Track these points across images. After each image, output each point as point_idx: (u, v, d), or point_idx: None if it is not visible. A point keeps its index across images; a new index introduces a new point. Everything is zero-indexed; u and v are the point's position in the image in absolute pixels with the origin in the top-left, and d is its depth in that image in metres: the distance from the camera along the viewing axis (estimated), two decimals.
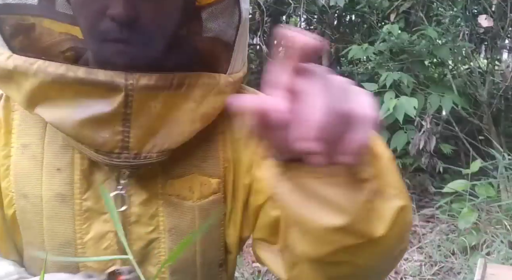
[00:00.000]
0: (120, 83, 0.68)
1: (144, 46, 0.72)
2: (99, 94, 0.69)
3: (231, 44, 0.78)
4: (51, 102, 0.71)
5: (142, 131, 0.72)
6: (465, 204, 2.70)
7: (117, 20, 0.69)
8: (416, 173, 3.65)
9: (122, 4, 0.68)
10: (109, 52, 0.71)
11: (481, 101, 3.47)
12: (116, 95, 0.69)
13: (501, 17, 3.41)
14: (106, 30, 0.70)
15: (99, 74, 0.68)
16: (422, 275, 2.60)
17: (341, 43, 4.22)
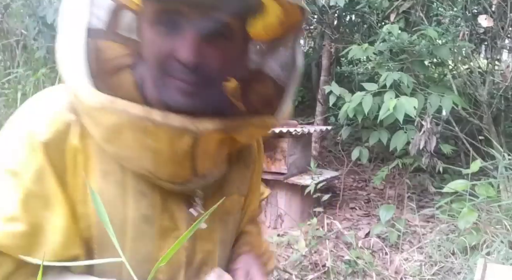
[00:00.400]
0: (189, 127, 0.78)
1: (206, 88, 0.82)
2: (171, 135, 0.79)
3: (284, 91, 0.90)
4: (125, 142, 0.80)
5: (205, 162, 0.86)
6: (465, 204, 2.70)
7: (184, 64, 0.78)
8: (416, 173, 3.65)
9: (191, 50, 0.77)
10: (173, 91, 0.80)
11: (481, 101, 3.47)
12: (186, 137, 0.79)
13: (501, 17, 3.41)
14: (171, 70, 0.79)
15: (174, 119, 0.77)
16: (422, 275, 2.60)
17: (341, 43, 4.22)
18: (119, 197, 0.85)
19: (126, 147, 0.80)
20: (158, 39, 0.80)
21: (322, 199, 3.14)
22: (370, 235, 3.06)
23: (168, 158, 0.81)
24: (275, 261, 2.63)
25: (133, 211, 0.86)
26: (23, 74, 3.76)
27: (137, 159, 0.82)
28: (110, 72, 0.82)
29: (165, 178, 0.84)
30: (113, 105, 0.76)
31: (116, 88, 0.79)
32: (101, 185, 0.83)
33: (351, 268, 2.63)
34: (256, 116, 0.87)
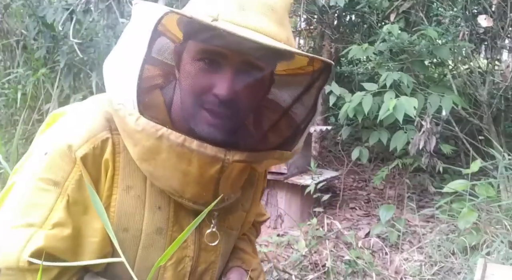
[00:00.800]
0: (221, 157, 0.89)
1: (236, 121, 0.94)
2: (203, 162, 0.89)
3: (303, 129, 1.01)
4: (161, 162, 0.90)
5: (227, 187, 0.97)
6: (465, 204, 2.70)
7: (220, 99, 0.89)
8: (416, 173, 3.65)
9: (228, 87, 0.88)
10: (204, 120, 0.91)
11: (481, 101, 3.47)
12: (216, 164, 0.90)
13: (501, 17, 3.41)
14: (206, 101, 0.90)
15: (208, 148, 0.88)
16: (422, 275, 2.60)
17: (341, 43, 4.22)
18: (137, 210, 0.96)
19: (160, 167, 0.91)
20: (199, 74, 0.91)
21: (322, 199, 3.14)
22: (370, 235, 3.06)
23: (195, 181, 0.92)
24: (275, 262, 2.63)
25: (148, 223, 0.97)
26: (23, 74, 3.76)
27: (167, 179, 0.93)
28: (146, 92, 0.91)
29: (188, 197, 0.95)
30: (154, 130, 0.86)
31: (149, 108, 0.89)
32: (123, 197, 0.95)
33: (351, 268, 2.63)
34: (277, 151, 0.99)
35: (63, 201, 0.89)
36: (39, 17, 3.60)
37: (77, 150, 0.90)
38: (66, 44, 3.60)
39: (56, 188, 0.90)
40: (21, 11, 4.15)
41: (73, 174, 0.90)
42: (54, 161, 0.90)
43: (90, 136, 0.92)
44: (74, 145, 0.91)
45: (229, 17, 0.87)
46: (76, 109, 1.01)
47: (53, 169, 0.90)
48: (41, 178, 0.90)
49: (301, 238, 2.92)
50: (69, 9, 3.39)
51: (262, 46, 0.81)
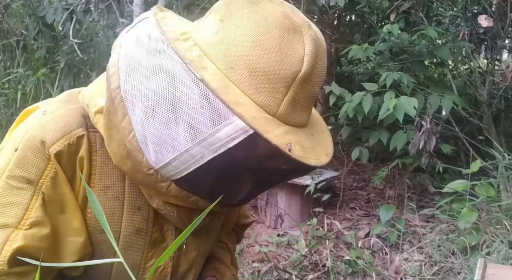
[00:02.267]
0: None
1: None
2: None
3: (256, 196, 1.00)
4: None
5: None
6: (465, 204, 2.70)
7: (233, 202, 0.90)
8: (416, 173, 3.64)
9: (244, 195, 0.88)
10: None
11: (481, 101, 3.47)
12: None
13: (501, 17, 3.41)
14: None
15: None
16: (422, 275, 2.60)
17: (341, 43, 4.22)
18: (116, 211, 0.92)
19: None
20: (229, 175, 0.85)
21: (322, 199, 3.14)
22: (370, 235, 3.06)
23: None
24: (276, 262, 2.63)
25: (126, 224, 0.93)
26: (23, 74, 3.76)
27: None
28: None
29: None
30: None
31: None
32: (100, 198, 0.90)
33: (351, 268, 2.63)
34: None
35: (39, 199, 0.85)
36: (39, 17, 3.60)
37: (51, 147, 0.85)
38: (66, 44, 3.60)
39: (30, 186, 0.85)
40: (21, 11, 4.15)
41: (47, 171, 0.85)
42: (26, 157, 0.85)
43: (64, 132, 0.87)
44: (47, 141, 0.85)
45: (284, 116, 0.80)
46: (50, 104, 0.95)
47: (25, 166, 0.85)
48: (13, 175, 0.85)
49: (301, 238, 2.92)
50: (69, 9, 3.40)
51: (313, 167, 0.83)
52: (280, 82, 0.78)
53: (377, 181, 3.53)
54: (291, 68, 0.78)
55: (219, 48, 0.78)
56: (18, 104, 3.71)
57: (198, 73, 0.73)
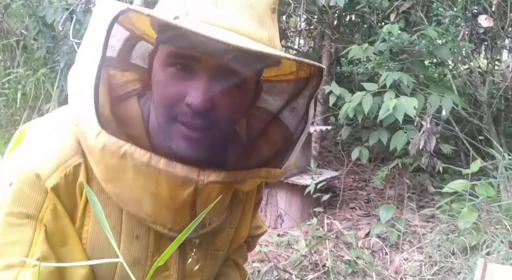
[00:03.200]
0: (193, 178, 0.78)
1: (215, 137, 0.81)
2: (173, 184, 0.78)
3: (294, 143, 0.88)
4: (127, 183, 0.79)
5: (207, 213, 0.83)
6: (465, 204, 2.70)
7: (193, 109, 0.77)
8: (416, 173, 3.64)
9: (201, 95, 0.76)
10: (180, 137, 0.80)
11: (481, 101, 3.47)
12: (188, 186, 0.79)
13: (501, 17, 3.41)
14: (180, 112, 0.79)
15: (177, 167, 0.77)
16: (422, 275, 2.60)
17: (341, 43, 4.22)
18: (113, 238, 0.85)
19: (127, 189, 0.80)
20: (168, 80, 0.79)
21: (322, 199, 3.14)
22: (370, 235, 3.06)
23: (166, 205, 0.81)
24: (276, 261, 2.63)
25: (124, 254, 0.88)
26: (23, 74, 3.76)
27: (136, 202, 0.82)
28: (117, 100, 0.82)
29: (163, 223, 0.84)
30: (117, 147, 0.75)
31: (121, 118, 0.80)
32: (96, 229, 0.85)
33: (351, 268, 2.63)
34: (262, 168, 0.87)
35: (41, 233, 0.80)
36: (39, 17, 3.60)
37: (47, 180, 0.80)
38: (66, 44, 3.60)
39: (30, 221, 0.80)
40: (21, 11, 4.15)
41: (47, 204, 0.81)
42: (23, 192, 0.80)
43: (60, 162, 0.81)
44: (42, 174, 0.80)
45: (200, 15, 0.76)
46: (42, 127, 0.89)
47: (22, 201, 0.80)
48: (11, 212, 0.80)
49: (301, 238, 2.92)
50: (69, 9, 3.40)
51: (234, 48, 0.69)
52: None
53: (377, 181, 3.53)
54: None
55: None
56: (18, 104, 3.71)
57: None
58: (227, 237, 1.05)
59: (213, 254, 1.01)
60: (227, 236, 1.05)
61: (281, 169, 0.88)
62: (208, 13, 0.76)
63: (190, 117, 0.78)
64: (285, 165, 0.89)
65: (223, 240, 1.03)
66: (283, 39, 5.13)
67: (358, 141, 4.12)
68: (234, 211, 1.04)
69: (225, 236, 1.04)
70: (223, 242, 1.04)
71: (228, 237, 1.06)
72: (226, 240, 1.05)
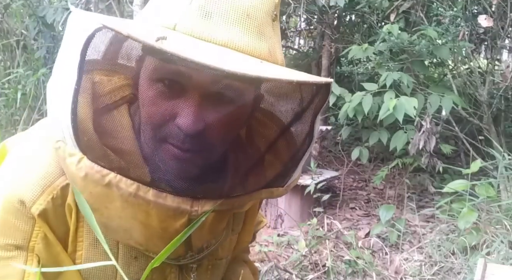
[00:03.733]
0: (186, 209, 0.71)
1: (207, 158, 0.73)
2: (164, 215, 0.71)
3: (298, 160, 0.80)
4: (114, 212, 0.71)
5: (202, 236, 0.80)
6: (465, 204, 2.70)
7: (184, 132, 0.68)
8: (416, 173, 3.64)
9: (193, 118, 0.68)
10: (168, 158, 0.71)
11: (481, 101, 3.47)
12: (181, 218, 0.72)
13: (501, 17, 3.41)
14: (169, 134, 0.70)
15: (167, 199, 0.69)
16: (422, 275, 2.60)
17: (341, 43, 4.22)
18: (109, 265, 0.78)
19: (115, 217, 0.72)
20: (158, 98, 0.70)
21: (322, 199, 3.14)
22: (370, 235, 3.06)
23: (158, 236, 0.74)
24: (276, 261, 2.63)
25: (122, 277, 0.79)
26: (23, 74, 3.76)
27: (126, 230, 0.75)
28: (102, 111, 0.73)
29: (156, 252, 0.74)
30: (100, 176, 0.68)
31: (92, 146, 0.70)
32: (91, 253, 0.79)
33: (351, 268, 2.63)
34: (263, 190, 0.79)
35: (34, 263, 0.75)
36: (39, 17, 3.60)
37: (32, 206, 0.74)
38: None
39: (20, 252, 0.74)
40: (21, 11, 4.15)
41: (36, 232, 0.75)
42: (8, 222, 0.74)
43: (45, 185, 0.74)
44: (27, 201, 0.73)
45: (190, 28, 0.67)
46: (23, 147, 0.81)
47: (9, 232, 0.74)
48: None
49: (301, 238, 2.92)
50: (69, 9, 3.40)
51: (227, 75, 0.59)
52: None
53: (377, 181, 3.53)
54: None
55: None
56: (18, 104, 3.71)
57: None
58: (230, 244, 1.00)
59: (215, 264, 0.96)
60: (230, 243, 1.00)
61: (283, 187, 0.81)
62: (198, 26, 0.68)
63: (181, 140, 0.70)
64: (289, 183, 0.81)
65: (225, 248, 0.98)
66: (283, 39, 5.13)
67: (358, 141, 4.12)
68: (236, 217, 0.98)
69: (228, 243, 0.98)
70: (226, 250, 0.98)
71: (231, 244, 1.00)
72: (229, 247, 1.00)
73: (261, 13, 0.72)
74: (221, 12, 0.69)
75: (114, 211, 0.71)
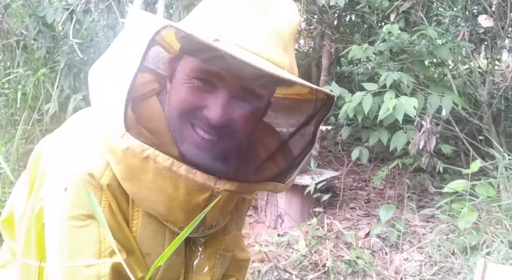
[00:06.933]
0: (210, 185, 0.84)
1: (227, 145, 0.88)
2: (191, 189, 0.85)
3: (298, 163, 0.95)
4: (145, 183, 0.84)
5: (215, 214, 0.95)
6: (465, 204, 2.70)
7: (211, 122, 0.83)
8: (416, 173, 3.64)
9: (220, 112, 0.83)
10: (196, 144, 0.85)
11: (481, 101, 3.47)
12: (204, 192, 0.86)
13: (501, 17, 3.41)
14: (197, 119, 0.85)
15: (197, 174, 0.82)
16: (422, 275, 2.60)
17: (341, 43, 4.22)
18: (159, 231, 0.92)
19: (145, 188, 0.85)
20: (191, 92, 0.85)
21: (322, 199, 3.14)
22: (370, 235, 3.06)
23: (180, 207, 0.88)
24: (276, 261, 2.63)
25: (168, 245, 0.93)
26: (23, 74, 3.75)
27: (152, 201, 0.87)
28: (138, 99, 0.86)
29: (174, 222, 0.91)
30: (140, 150, 0.79)
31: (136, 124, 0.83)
32: (146, 221, 0.91)
33: (351, 268, 2.63)
34: (269, 182, 0.94)
35: (107, 230, 0.84)
36: (39, 17, 3.59)
37: (101, 178, 0.85)
38: (66, 44, 3.60)
39: (92, 221, 0.85)
40: (21, 11, 4.15)
41: (104, 202, 0.86)
42: (79, 194, 0.85)
43: (107, 161, 0.86)
44: (95, 174, 0.85)
45: (233, 39, 0.82)
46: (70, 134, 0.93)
47: (80, 203, 0.85)
48: (73, 216, 0.85)
49: (301, 238, 2.92)
50: (69, 9, 3.39)
51: (264, 74, 0.75)
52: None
53: (377, 181, 3.53)
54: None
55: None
56: (18, 104, 3.71)
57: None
58: (235, 239, 1.11)
59: (223, 255, 1.07)
60: (235, 238, 1.11)
61: (284, 184, 0.94)
62: (239, 38, 0.82)
63: (207, 126, 0.84)
64: (288, 180, 0.95)
65: (231, 241, 1.09)
66: None
67: (358, 141, 4.12)
68: (239, 210, 1.11)
69: (233, 237, 1.10)
70: (231, 242, 1.10)
71: (235, 239, 1.12)
72: (234, 241, 1.11)
73: (288, 33, 0.88)
74: (258, 29, 0.84)
75: (145, 182, 0.83)
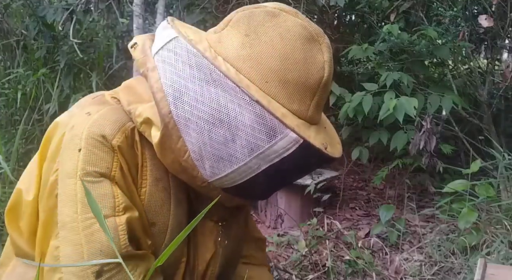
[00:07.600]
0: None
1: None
2: None
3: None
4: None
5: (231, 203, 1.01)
6: (465, 204, 2.70)
7: None
8: (416, 173, 3.64)
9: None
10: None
11: (481, 101, 3.47)
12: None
13: (501, 17, 3.41)
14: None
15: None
16: (422, 275, 2.60)
17: (341, 43, 4.22)
18: (165, 202, 0.94)
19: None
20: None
21: (322, 199, 3.14)
22: (370, 235, 3.06)
23: None
24: (276, 261, 2.63)
25: (173, 217, 0.95)
26: (23, 74, 3.75)
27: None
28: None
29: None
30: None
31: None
32: (153, 190, 0.92)
33: (351, 268, 2.63)
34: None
35: (117, 188, 0.87)
36: (39, 17, 3.59)
37: (113, 139, 0.88)
38: (66, 44, 3.60)
39: (105, 179, 0.87)
40: (21, 11, 4.15)
41: (116, 163, 0.88)
42: (93, 153, 0.87)
43: (119, 125, 0.90)
44: (107, 135, 0.88)
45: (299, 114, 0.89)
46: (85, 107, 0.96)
47: (94, 161, 0.87)
48: (86, 172, 0.86)
49: (301, 238, 2.92)
50: (69, 9, 3.39)
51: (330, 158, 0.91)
52: (308, 90, 0.88)
53: (377, 181, 3.52)
54: (316, 76, 0.88)
55: (250, 63, 0.85)
56: (18, 104, 3.71)
57: (252, 95, 0.82)
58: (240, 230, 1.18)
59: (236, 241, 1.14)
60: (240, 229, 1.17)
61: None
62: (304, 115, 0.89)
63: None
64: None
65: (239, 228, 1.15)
66: None
67: (358, 141, 4.11)
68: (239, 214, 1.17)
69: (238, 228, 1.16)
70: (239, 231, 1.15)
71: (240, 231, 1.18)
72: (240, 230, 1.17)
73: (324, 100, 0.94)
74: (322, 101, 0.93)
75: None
